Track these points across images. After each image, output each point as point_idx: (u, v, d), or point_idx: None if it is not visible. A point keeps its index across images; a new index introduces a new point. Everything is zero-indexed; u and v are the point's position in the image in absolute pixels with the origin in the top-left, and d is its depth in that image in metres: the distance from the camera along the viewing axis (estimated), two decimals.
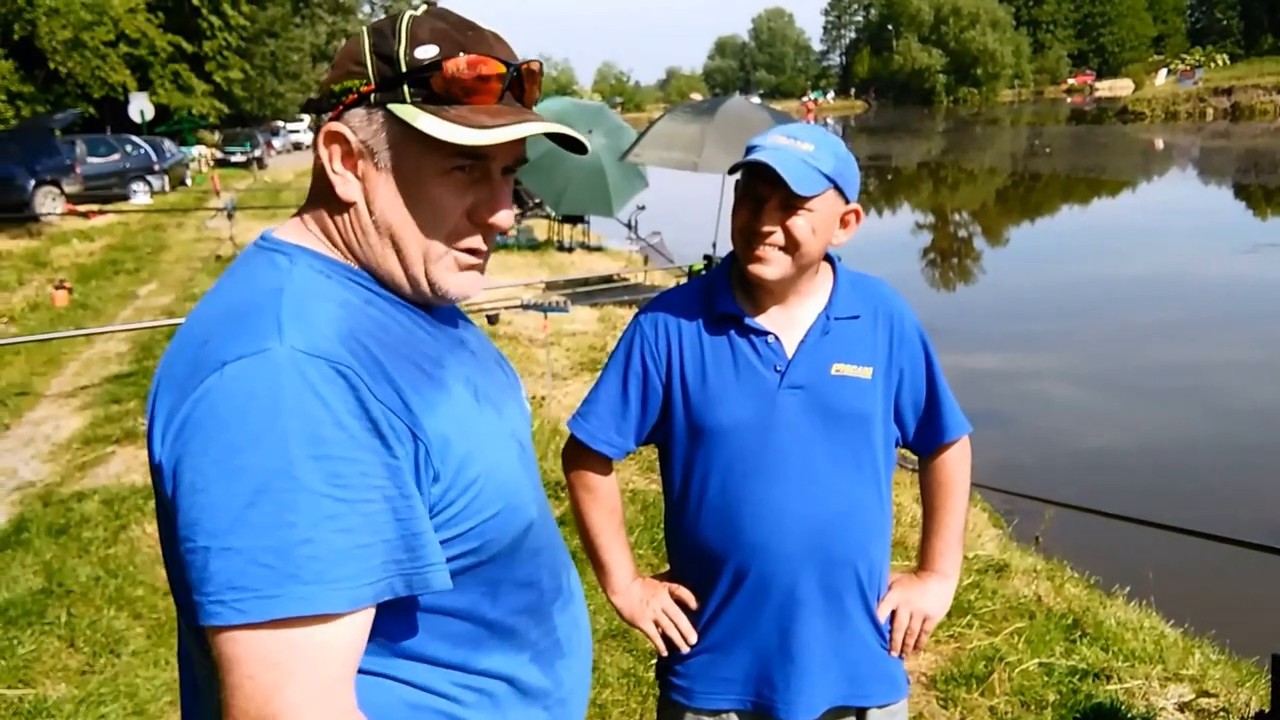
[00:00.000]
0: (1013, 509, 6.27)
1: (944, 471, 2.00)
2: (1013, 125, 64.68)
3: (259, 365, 1.03)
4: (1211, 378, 9.95)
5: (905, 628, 1.94)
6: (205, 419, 1.01)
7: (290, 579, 0.97)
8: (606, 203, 14.34)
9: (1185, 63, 71.84)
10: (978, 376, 10.27)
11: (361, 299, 1.18)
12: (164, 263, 15.21)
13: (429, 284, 1.22)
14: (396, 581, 1.05)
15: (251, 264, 1.19)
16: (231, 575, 0.97)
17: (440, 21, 1.17)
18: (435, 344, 1.23)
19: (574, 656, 1.36)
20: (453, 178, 1.18)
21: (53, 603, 4.31)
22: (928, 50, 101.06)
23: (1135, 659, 3.83)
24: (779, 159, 1.72)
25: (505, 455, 1.24)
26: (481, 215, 1.22)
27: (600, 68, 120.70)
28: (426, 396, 1.13)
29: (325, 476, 1.01)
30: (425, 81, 1.14)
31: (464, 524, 1.15)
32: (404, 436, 1.08)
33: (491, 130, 1.14)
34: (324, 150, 1.18)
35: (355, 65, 1.17)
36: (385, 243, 1.20)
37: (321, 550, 0.99)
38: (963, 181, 35.05)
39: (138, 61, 29.32)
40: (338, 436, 1.02)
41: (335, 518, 1.00)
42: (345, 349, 1.08)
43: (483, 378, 1.28)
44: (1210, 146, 41.58)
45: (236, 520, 0.98)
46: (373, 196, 1.18)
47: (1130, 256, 16.98)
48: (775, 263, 1.77)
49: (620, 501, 2.02)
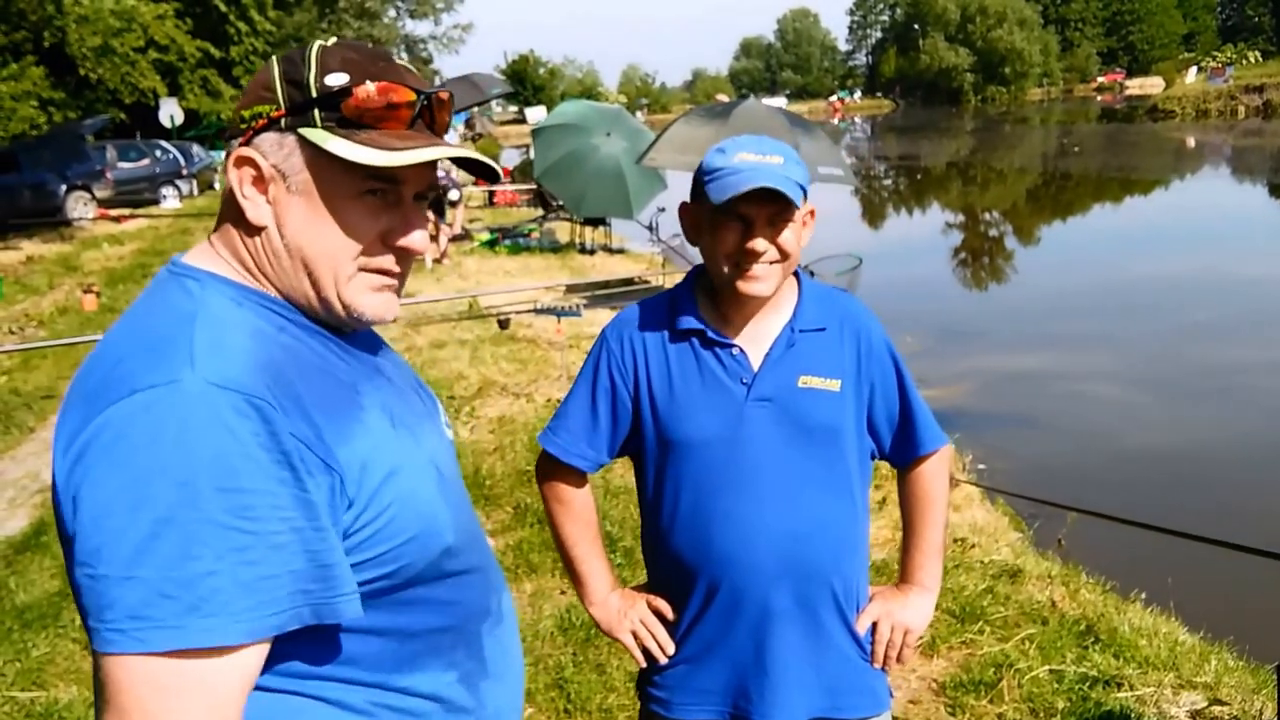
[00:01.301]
0: (1036, 512, 6.20)
1: (921, 484, 1.99)
2: (1042, 124, 64.12)
3: (169, 395, 1.03)
4: (1250, 380, 9.79)
5: (886, 640, 1.93)
6: (110, 446, 1.01)
7: (192, 611, 0.98)
8: (626, 205, 14.35)
9: (1216, 60, 70.94)
10: (1011, 378, 10.19)
11: (274, 326, 1.18)
12: None
13: (343, 306, 1.22)
14: (304, 611, 1.06)
15: (163, 290, 1.19)
16: (133, 605, 0.97)
17: (351, 52, 1.20)
18: (350, 371, 1.23)
19: (501, 680, 1.37)
20: (365, 201, 1.19)
21: (68, 605, 4.35)
22: (954, 49, 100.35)
23: (1148, 666, 3.78)
24: (772, 179, 1.71)
25: (421, 481, 1.24)
26: (394, 239, 1.23)
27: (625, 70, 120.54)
28: (340, 425, 1.13)
29: (233, 509, 1.01)
30: (336, 106, 1.16)
31: (378, 548, 1.16)
32: (316, 468, 1.09)
33: (400, 153, 1.15)
34: (234, 174, 1.18)
35: (265, 91, 1.18)
36: (297, 266, 1.20)
37: (226, 583, 1.00)
38: (993, 181, 34.76)
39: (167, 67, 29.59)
40: (247, 469, 1.03)
41: (242, 550, 1.01)
42: (258, 381, 1.08)
43: (399, 404, 1.29)
44: (1242, 145, 41.04)
45: (140, 550, 0.98)
46: (284, 220, 1.19)
47: (1164, 256, 16.77)
48: (770, 278, 1.78)
49: (595, 513, 2.03)
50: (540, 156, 14.30)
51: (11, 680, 3.82)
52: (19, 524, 5.62)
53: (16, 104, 19.18)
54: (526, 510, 5.36)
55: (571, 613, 4.18)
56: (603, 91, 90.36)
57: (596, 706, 3.62)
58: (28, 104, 19.51)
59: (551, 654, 3.95)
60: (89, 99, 23.63)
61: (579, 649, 3.97)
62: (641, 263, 15.89)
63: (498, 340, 9.63)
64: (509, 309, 10.04)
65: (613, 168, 13.92)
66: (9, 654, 4.02)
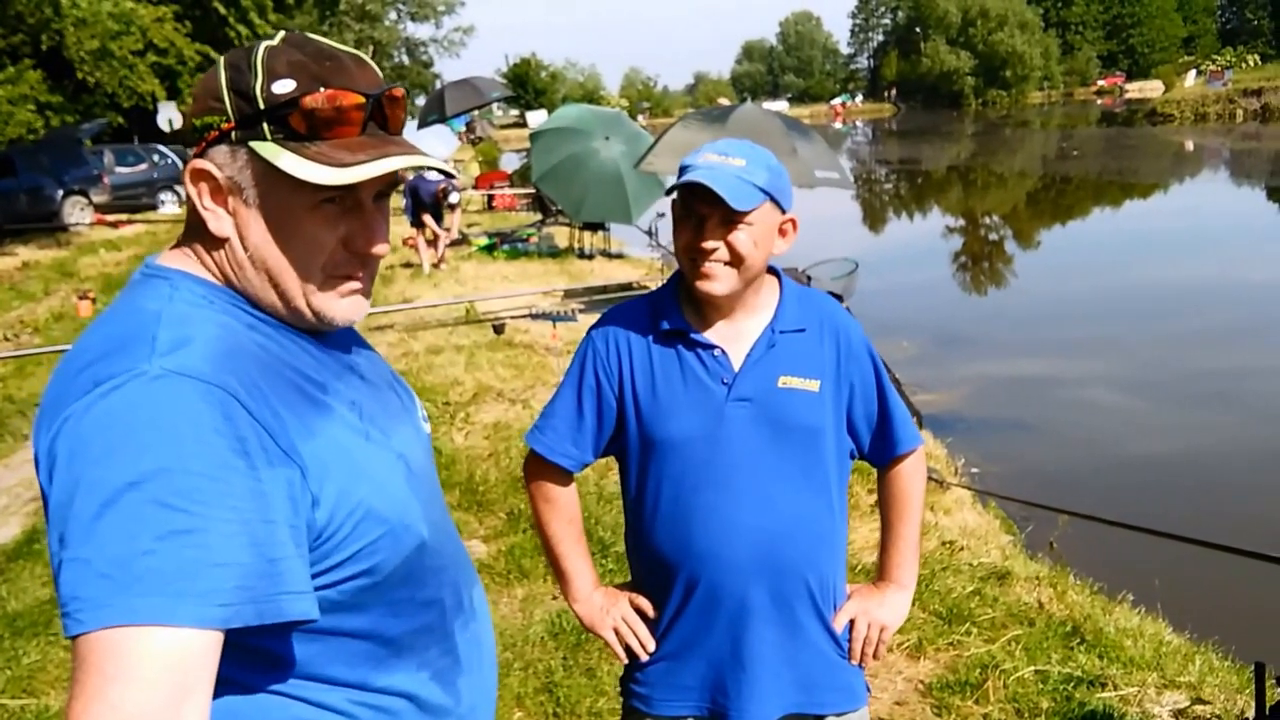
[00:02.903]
0: (1029, 515, 6.24)
1: (898, 484, 2.03)
2: (1042, 127, 64.13)
3: (128, 384, 1.04)
4: (1239, 384, 9.82)
5: (864, 637, 1.97)
6: (70, 435, 1.03)
7: (125, 589, 0.96)
8: (626, 210, 14.35)
9: (1215, 64, 70.97)
10: (1006, 382, 10.22)
11: (244, 324, 1.19)
12: None
13: (313, 313, 1.23)
14: (247, 609, 1.02)
15: (135, 291, 1.20)
16: (75, 586, 0.98)
17: (297, 52, 1.17)
18: (320, 368, 1.24)
19: (474, 673, 1.38)
20: (323, 211, 1.19)
21: (59, 613, 4.37)
22: (956, 52, 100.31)
23: (1132, 666, 3.80)
24: (714, 178, 1.76)
25: (390, 476, 1.24)
26: (357, 245, 1.23)
27: (627, 73, 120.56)
28: (307, 421, 1.14)
29: (178, 491, 1.00)
30: (284, 118, 1.14)
31: (350, 547, 1.16)
32: (276, 458, 1.08)
33: (351, 169, 1.14)
34: (191, 187, 1.18)
35: (214, 101, 1.16)
36: (262, 276, 1.20)
37: (164, 563, 0.98)
38: (993, 185, 34.79)
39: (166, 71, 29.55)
40: (199, 452, 1.02)
41: (186, 532, 0.99)
42: (220, 369, 1.08)
43: (371, 401, 1.29)
44: (1240, 148, 41.06)
45: (85, 531, 0.98)
46: (245, 232, 1.19)
47: (1161, 261, 16.80)
48: (722, 278, 1.81)
49: (580, 511, 2.06)
50: (538, 161, 14.31)
51: (2, 688, 3.84)
52: (11, 531, 5.65)
53: (13, 108, 19.13)
54: (520, 516, 5.38)
55: (562, 617, 4.20)
56: (604, 95, 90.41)
57: (586, 710, 3.64)
58: (25, 108, 19.47)
59: (541, 658, 3.97)
60: (87, 103, 23.61)
61: (569, 653, 3.99)
62: (640, 268, 15.91)
63: (494, 346, 9.65)
64: (506, 314, 10.07)
65: (612, 172, 13.93)
66: (0, 662, 4.04)
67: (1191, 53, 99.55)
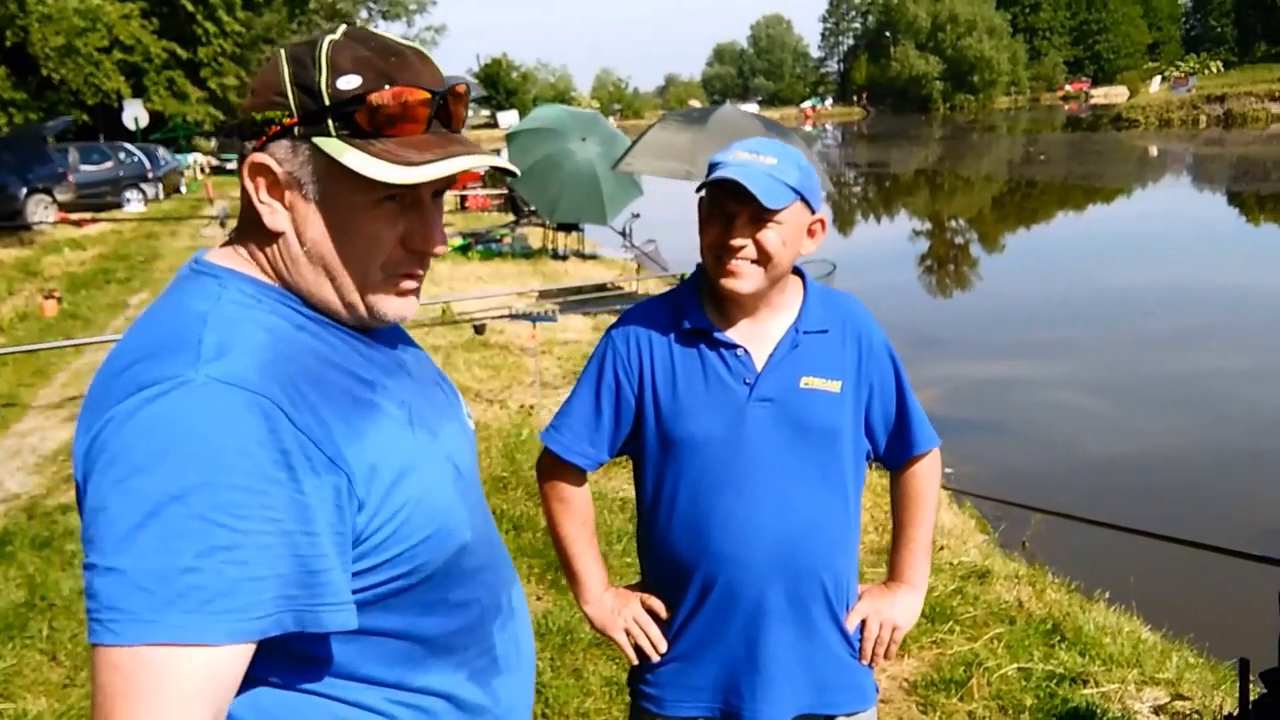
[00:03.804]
0: (1002, 515, 6.30)
1: (914, 484, 2.04)
2: (1009, 132, 64.71)
3: (172, 391, 1.03)
4: (1206, 386, 9.98)
5: (875, 637, 1.98)
6: (111, 440, 1.02)
7: (168, 605, 0.96)
8: (601, 211, 14.38)
9: (1179, 70, 72.06)
10: (977, 384, 10.31)
11: (293, 324, 1.17)
12: (157, 272, 15.16)
13: (367, 310, 1.22)
14: (286, 617, 1.03)
15: (182, 288, 1.19)
16: (113, 596, 0.97)
17: (361, 47, 1.15)
18: (370, 367, 1.22)
19: (512, 673, 1.37)
20: (383, 208, 1.17)
21: (35, 616, 4.33)
22: (925, 57, 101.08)
23: (1113, 663, 3.87)
24: (746, 175, 1.75)
25: (438, 479, 1.23)
26: (415, 243, 1.22)
27: (598, 74, 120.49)
28: (354, 424, 1.13)
29: (221, 505, 0.99)
30: (350, 115, 1.13)
31: (393, 549, 1.15)
32: (321, 466, 1.07)
33: (419, 168, 1.12)
34: (249, 181, 1.16)
35: (276, 96, 1.14)
36: (319, 272, 1.19)
37: (208, 580, 0.98)
38: (961, 189, 35.07)
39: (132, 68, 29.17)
40: (242, 465, 1.01)
41: (228, 549, 0.99)
42: (266, 377, 1.07)
43: (419, 400, 1.28)
44: (1204, 154, 41.65)
45: (124, 541, 0.98)
46: (303, 227, 1.18)
47: (1127, 264, 17.01)
48: (748, 276, 1.80)
49: (593, 512, 2.06)
50: (515, 161, 14.27)
51: None
52: None
53: None
54: (501, 517, 5.37)
55: (548, 618, 4.20)
56: (575, 96, 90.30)
57: (574, 711, 3.64)
58: None
59: None
60: (51, 100, 23.29)
61: (556, 654, 3.99)
62: (615, 269, 15.91)
63: (470, 346, 9.63)
64: (482, 315, 10.03)
65: (588, 173, 13.95)
66: None
67: (1156, 59, 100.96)
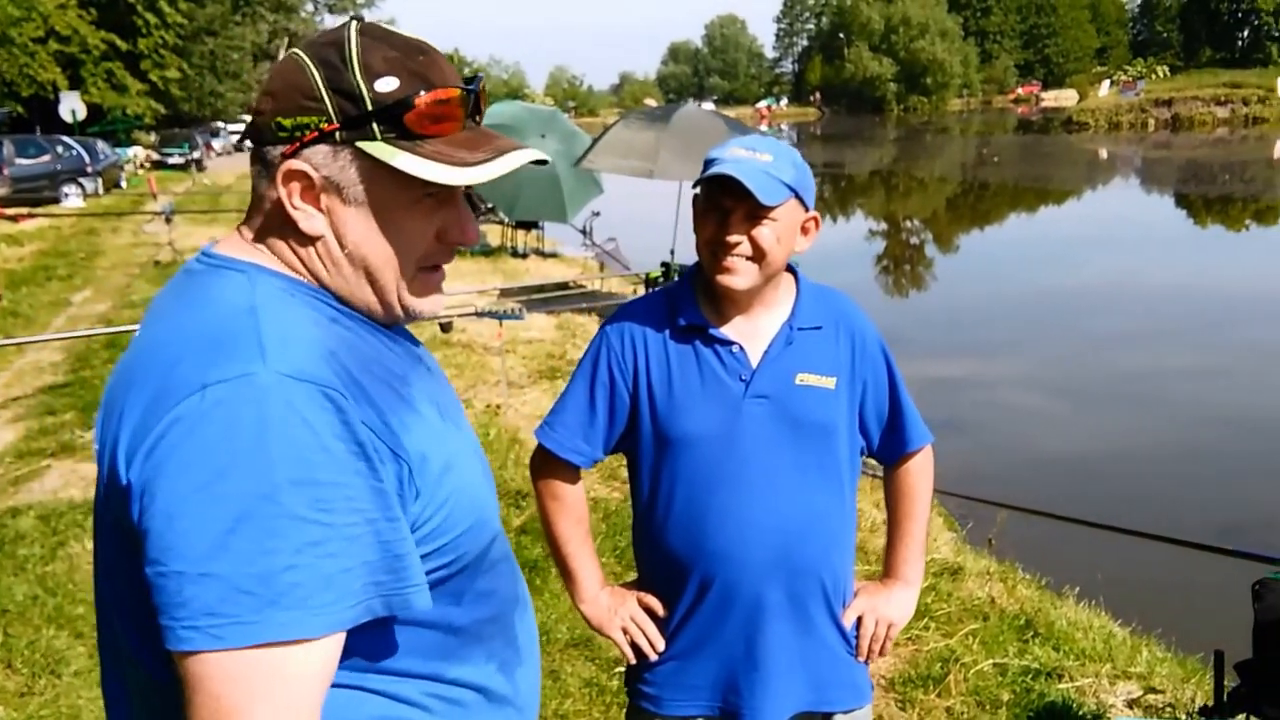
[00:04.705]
0: (967, 513, 6.37)
1: (907, 480, 2.05)
2: (962, 134, 65.52)
3: (243, 389, 1.01)
4: (1157, 384, 10.17)
5: (871, 634, 1.98)
6: (183, 442, 1.00)
7: (271, 605, 0.98)
8: (561, 209, 14.34)
9: (1127, 74, 73.30)
10: (933, 384, 10.40)
11: (328, 318, 1.17)
12: (99, 269, 14.88)
13: (403, 307, 1.23)
14: (376, 603, 1.06)
15: (204, 282, 1.16)
16: (210, 601, 0.97)
17: (388, 48, 1.15)
18: (400, 362, 1.23)
19: (530, 664, 1.38)
20: (423, 205, 1.18)
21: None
22: (879, 59, 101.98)
23: (1085, 658, 3.92)
24: (743, 171, 1.75)
25: (472, 471, 1.25)
26: (452, 237, 1.23)
27: (553, 72, 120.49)
28: (401, 416, 1.13)
29: (310, 502, 1.00)
30: (397, 119, 1.12)
31: (440, 539, 1.16)
32: (387, 457, 1.09)
33: (477, 168, 1.14)
34: (283, 189, 1.15)
35: (309, 100, 1.13)
36: (359, 274, 1.19)
37: (305, 576, 0.99)
38: (914, 190, 35.48)
39: (69, 59, 28.53)
40: (323, 461, 1.02)
41: (319, 543, 1.00)
42: (329, 370, 1.07)
43: (441, 394, 1.29)
44: (1152, 157, 42.48)
45: (217, 546, 0.97)
46: (343, 231, 1.17)
47: (1078, 266, 17.31)
48: (744, 273, 1.80)
49: (587, 510, 2.05)
50: None
51: None
52: None
53: None
54: None
55: None
56: (529, 93, 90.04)
57: (552, 713, 3.62)
58: None
59: None
60: None
61: None
62: (575, 267, 15.89)
63: (432, 345, 9.53)
64: (446, 313, 9.96)
65: (547, 171, 13.87)
66: None
67: (1104, 63, 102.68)
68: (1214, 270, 16.41)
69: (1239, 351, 11.35)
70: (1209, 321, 12.68)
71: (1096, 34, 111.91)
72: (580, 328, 10.72)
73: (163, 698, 1.07)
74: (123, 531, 1.05)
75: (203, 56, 46.19)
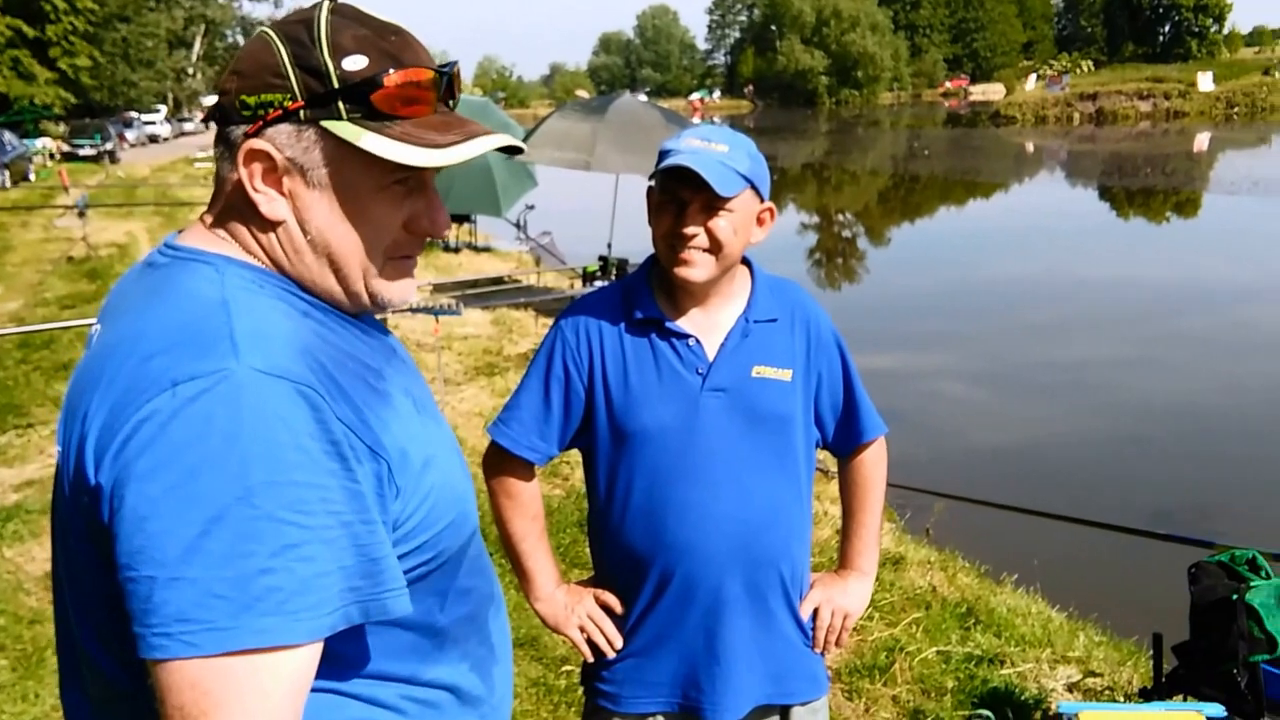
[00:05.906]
0: (905, 503, 6.44)
1: (862, 471, 2.06)
2: (893, 128, 66.34)
3: (216, 386, 0.97)
4: (1089, 373, 10.37)
5: (828, 625, 1.98)
6: (154, 441, 0.95)
7: (246, 610, 0.93)
8: (494, 202, 14.23)
9: (1053, 68, 74.85)
10: (868, 375, 10.42)
11: (299, 311, 1.12)
12: (9, 265, 14.43)
13: (369, 296, 1.18)
14: (353, 610, 1.02)
15: (170, 275, 1.11)
16: (182, 607, 0.92)
17: (359, 26, 1.11)
18: (375, 355, 1.19)
19: (504, 662, 1.36)
20: (390, 191, 1.14)
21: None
22: (810, 52, 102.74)
23: (1026, 643, 3.99)
24: (699, 162, 1.73)
25: (452, 464, 1.22)
26: (420, 226, 1.18)
27: (481, 62, 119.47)
28: (379, 412, 1.10)
29: (287, 503, 0.96)
30: (363, 98, 1.08)
31: (421, 536, 1.13)
32: (365, 456, 1.05)
33: (445, 150, 1.09)
34: (244, 169, 1.10)
35: (274, 78, 1.08)
36: (322, 261, 1.14)
37: (283, 580, 0.95)
38: (847, 183, 35.84)
39: None
40: (299, 460, 0.98)
41: (297, 546, 0.96)
42: (304, 366, 1.03)
43: (416, 387, 1.25)
44: (1077, 150, 43.37)
45: (190, 549, 0.93)
46: (305, 215, 1.12)
47: (1006, 257, 17.64)
48: (701, 265, 1.79)
49: (542, 507, 2.02)
50: None
51: None
52: None
53: None
54: None
55: None
56: None
57: None
58: None
59: None
60: None
61: None
62: (510, 261, 15.79)
63: None
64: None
65: (479, 162, 13.74)
66: None
67: (1031, 58, 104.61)
68: (1140, 261, 16.82)
69: (1168, 341, 11.64)
70: (1138, 312, 12.97)
71: (1023, 28, 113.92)
72: (517, 323, 10.65)
73: (130, 706, 1.03)
74: (91, 535, 1.00)
75: (115, 44, 44.99)
